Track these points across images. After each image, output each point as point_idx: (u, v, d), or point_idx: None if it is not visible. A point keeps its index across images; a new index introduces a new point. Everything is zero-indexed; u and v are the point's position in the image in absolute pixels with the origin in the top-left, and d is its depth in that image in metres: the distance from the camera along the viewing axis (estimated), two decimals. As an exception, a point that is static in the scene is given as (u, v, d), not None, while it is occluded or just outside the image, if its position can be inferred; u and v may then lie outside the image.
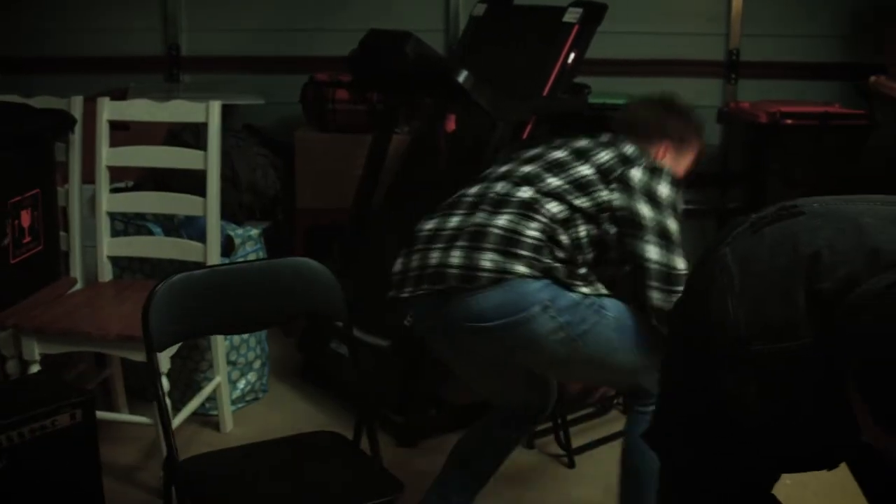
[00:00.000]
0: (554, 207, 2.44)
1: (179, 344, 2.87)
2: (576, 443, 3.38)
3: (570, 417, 3.40)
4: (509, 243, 2.37)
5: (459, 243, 2.43)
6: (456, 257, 2.40)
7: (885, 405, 1.25)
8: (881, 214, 1.51)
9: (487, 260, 2.36)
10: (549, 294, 2.34)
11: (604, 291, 2.44)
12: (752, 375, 1.48)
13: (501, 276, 2.33)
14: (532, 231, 2.39)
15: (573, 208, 2.45)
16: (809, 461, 1.58)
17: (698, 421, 1.62)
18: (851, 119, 4.30)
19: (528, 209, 2.43)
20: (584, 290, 2.39)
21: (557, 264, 2.37)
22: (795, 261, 1.47)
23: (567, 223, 2.44)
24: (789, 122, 4.21)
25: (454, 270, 2.39)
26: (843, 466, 1.70)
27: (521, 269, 2.34)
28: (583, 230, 2.46)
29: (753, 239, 1.58)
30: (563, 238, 2.42)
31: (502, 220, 2.42)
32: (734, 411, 1.51)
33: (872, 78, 4.30)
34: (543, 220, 2.41)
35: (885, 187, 3.47)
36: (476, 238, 2.41)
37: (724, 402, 1.52)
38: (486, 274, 2.34)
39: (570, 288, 2.37)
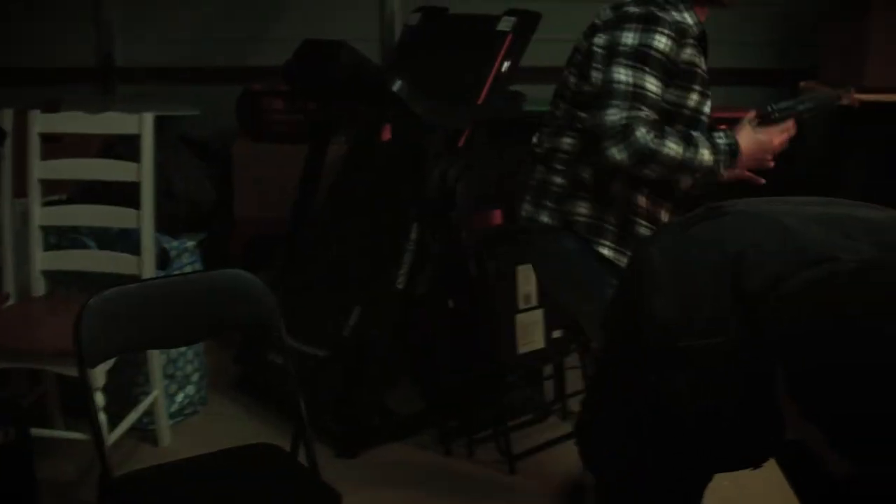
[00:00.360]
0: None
1: (115, 359, 2.84)
2: (516, 449, 3.38)
3: (510, 424, 3.41)
4: None
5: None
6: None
7: (811, 401, 1.27)
8: (803, 215, 1.54)
9: None
10: None
11: None
12: (682, 372, 1.50)
13: None
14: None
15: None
16: (739, 459, 1.60)
17: (631, 421, 1.64)
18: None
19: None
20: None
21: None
22: (722, 260, 1.50)
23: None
24: (723, 127, 4.24)
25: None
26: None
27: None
28: None
29: (681, 239, 1.61)
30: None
31: None
32: (665, 409, 1.53)
33: (803, 83, 4.36)
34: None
35: (811, 190, 3.52)
36: None
37: (656, 399, 1.54)
38: None
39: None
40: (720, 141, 2.44)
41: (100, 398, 2.77)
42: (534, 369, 3.66)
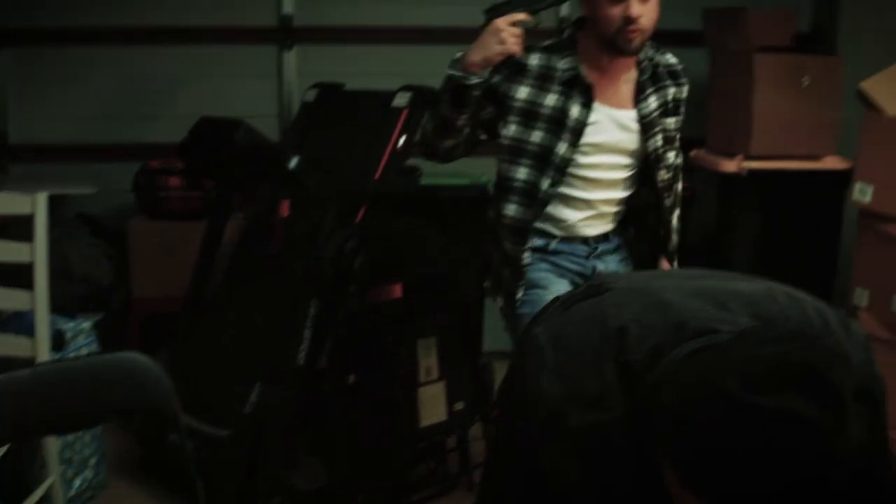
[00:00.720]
0: None
1: (6, 447, 2.77)
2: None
3: (415, 498, 3.41)
4: None
5: None
6: None
7: (692, 473, 1.30)
8: (683, 289, 1.58)
9: None
10: None
11: None
12: (572, 449, 1.51)
13: None
14: None
15: None
16: None
17: (525, 500, 1.65)
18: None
19: None
20: None
21: None
22: (604, 335, 1.53)
23: None
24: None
25: None
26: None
27: None
28: None
29: (564, 317, 1.64)
30: None
31: None
32: (557, 489, 1.54)
33: (693, 152, 4.49)
34: None
35: (704, 257, 3.62)
36: None
37: (548, 480, 1.56)
38: None
39: None
40: None
41: (-9, 487, 2.69)
42: (437, 442, 3.67)
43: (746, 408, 1.25)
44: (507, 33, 2.60)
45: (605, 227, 2.88)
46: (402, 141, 3.55)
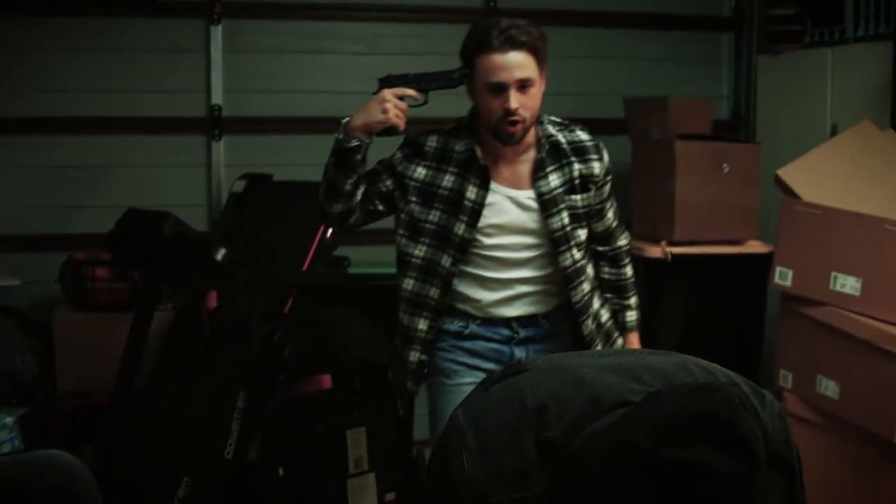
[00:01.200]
0: None
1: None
2: None
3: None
4: None
5: None
6: None
7: None
8: (598, 366, 1.61)
9: None
10: None
11: None
12: None
13: None
14: None
15: None
16: None
17: None
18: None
19: None
20: None
21: None
22: (523, 414, 1.55)
23: None
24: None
25: None
26: None
27: None
28: None
29: (483, 398, 1.66)
30: None
31: None
32: None
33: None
34: None
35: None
36: None
37: None
38: None
39: None
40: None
41: None
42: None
43: (660, 461, 1.28)
44: (391, 104, 2.71)
45: (529, 308, 2.86)
46: (329, 232, 3.58)
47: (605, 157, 2.92)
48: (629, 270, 3.05)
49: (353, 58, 4.95)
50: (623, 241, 3.03)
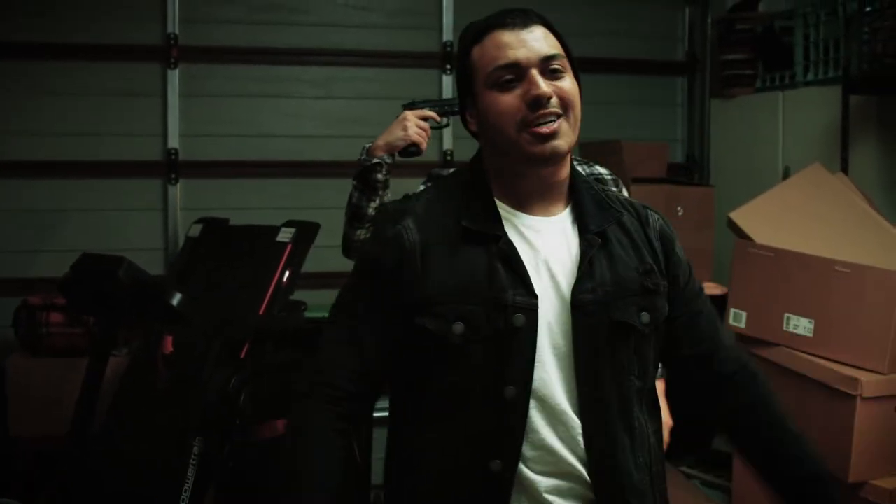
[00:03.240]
0: None
1: None
2: None
3: None
4: None
5: None
6: None
7: None
8: None
9: None
10: None
11: None
12: None
13: None
14: None
15: None
16: None
17: None
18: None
19: None
20: None
21: None
22: None
23: None
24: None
25: None
26: None
27: None
28: None
29: None
30: None
31: None
32: None
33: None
34: None
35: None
36: None
37: None
38: None
39: None
40: None
41: None
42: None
43: None
44: (412, 123, 2.82)
45: None
46: (286, 276, 3.58)
47: None
48: None
49: (311, 101, 4.98)
50: None
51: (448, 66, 5.04)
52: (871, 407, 3.23)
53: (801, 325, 3.48)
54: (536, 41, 1.77)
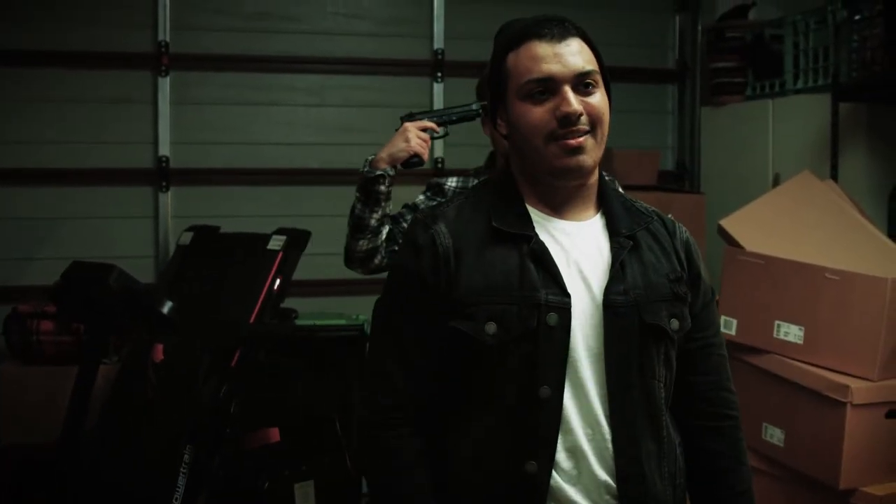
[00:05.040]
0: None
1: None
2: None
3: None
4: None
5: None
6: None
7: None
8: None
9: None
10: None
11: None
12: None
13: None
14: None
15: None
16: None
17: None
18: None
19: None
20: None
21: None
22: None
23: None
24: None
25: None
26: None
27: None
28: None
29: None
30: None
31: None
32: None
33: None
34: None
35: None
36: None
37: None
38: None
39: None
40: None
41: None
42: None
43: None
44: (413, 134, 2.86)
45: None
46: (277, 283, 3.58)
47: None
48: None
49: (301, 109, 4.98)
50: None
51: (439, 74, 5.05)
52: (861, 414, 3.22)
53: (791, 333, 3.48)
54: (572, 56, 1.82)
